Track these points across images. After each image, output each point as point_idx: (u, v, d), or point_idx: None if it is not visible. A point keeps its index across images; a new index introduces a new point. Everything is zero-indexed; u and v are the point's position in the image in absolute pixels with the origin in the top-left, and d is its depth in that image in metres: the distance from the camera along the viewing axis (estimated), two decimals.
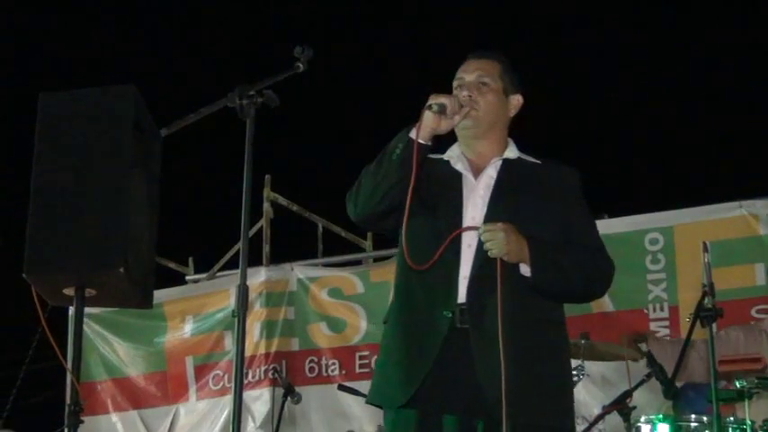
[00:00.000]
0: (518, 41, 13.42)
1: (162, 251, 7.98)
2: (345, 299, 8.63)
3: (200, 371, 8.95)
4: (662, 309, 7.44)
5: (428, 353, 3.71)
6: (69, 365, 3.94)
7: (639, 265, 7.52)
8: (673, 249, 7.47)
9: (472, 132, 3.93)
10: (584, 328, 6.57)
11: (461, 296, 3.73)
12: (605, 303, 7.45)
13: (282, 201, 9.35)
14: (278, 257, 9.13)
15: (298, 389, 7.62)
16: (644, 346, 5.66)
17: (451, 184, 3.90)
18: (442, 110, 3.71)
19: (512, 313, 3.69)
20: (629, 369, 5.89)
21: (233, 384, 3.53)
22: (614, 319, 7.42)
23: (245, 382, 8.05)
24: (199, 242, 11.11)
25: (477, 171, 3.93)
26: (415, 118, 3.72)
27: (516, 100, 4.04)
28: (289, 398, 7.48)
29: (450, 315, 3.71)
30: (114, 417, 9.22)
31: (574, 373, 6.03)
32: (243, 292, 3.57)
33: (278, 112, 3.78)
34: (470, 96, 3.90)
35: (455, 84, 3.99)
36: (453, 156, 3.97)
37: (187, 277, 9.85)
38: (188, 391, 8.97)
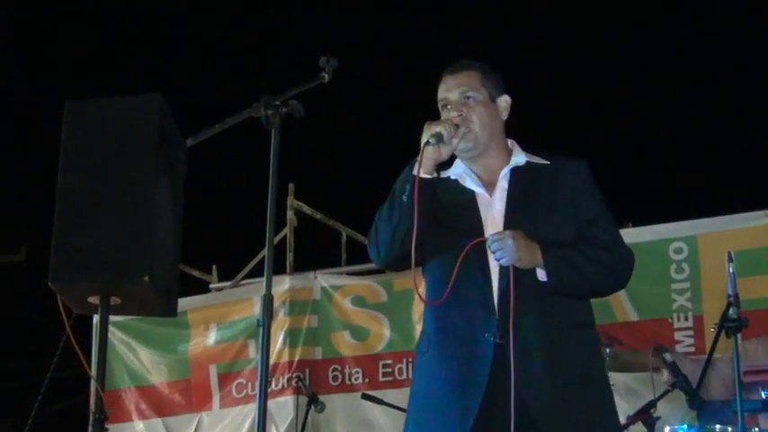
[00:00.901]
0: (541, 48, 13.41)
1: (186, 259, 8.00)
2: (369, 307, 8.62)
3: (224, 379, 8.97)
4: (686, 318, 7.40)
5: (479, 382, 3.65)
6: (94, 373, 3.95)
7: (664, 275, 7.49)
8: (697, 259, 7.44)
9: (475, 152, 3.88)
10: (609, 337, 6.55)
11: (497, 313, 3.68)
12: (629, 313, 7.45)
13: (306, 209, 9.35)
14: (302, 266, 9.14)
15: (321, 397, 7.64)
16: (668, 356, 5.64)
17: (468, 206, 3.86)
18: (439, 140, 3.67)
19: (545, 323, 3.68)
20: (654, 379, 5.86)
21: (257, 392, 3.53)
22: (638, 328, 7.40)
23: (269, 390, 8.06)
24: (222, 250, 11.12)
25: (489, 185, 3.88)
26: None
27: (504, 101, 3.97)
28: (312, 406, 7.49)
29: (493, 338, 3.65)
30: (138, 424, 9.24)
31: None
32: (268, 300, 3.57)
33: (301, 120, 3.78)
34: (461, 115, 3.83)
35: (440, 105, 3.94)
36: (460, 173, 3.92)
37: (211, 285, 9.87)
38: (212, 399, 8.99)
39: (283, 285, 8.78)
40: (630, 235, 7.50)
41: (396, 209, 3.71)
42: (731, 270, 4.94)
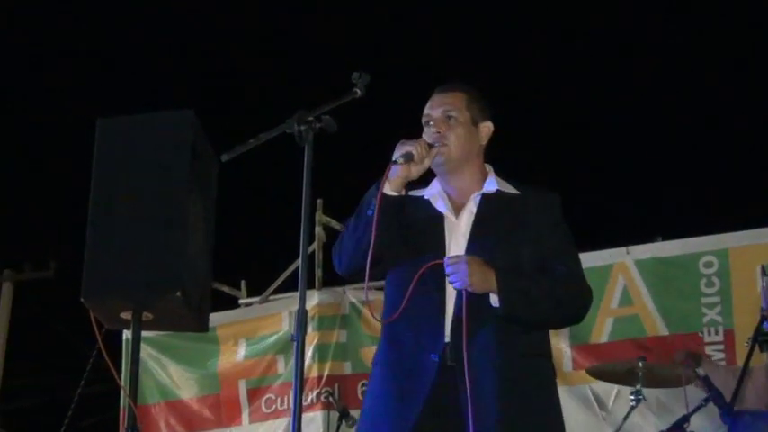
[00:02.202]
0: (570, 65, 13.40)
1: (215, 275, 8.01)
2: None
3: (253, 394, 8.96)
4: (717, 332, 7.36)
5: (417, 399, 3.72)
6: (126, 388, 3.96)
7: (694, 289, 7.45)
8: (728, 272, 7.39)
9: (446, 168, 3.95)
10: (639, 351, 6.53)
11: (448, 335, 3.74)
12: (659, 327, 7.41)
13: (335, 224, 9.35)
14: (330, 281, 9.13)
15: (350, 412, 7.63)
16: (700, 370, 5.61)
17: (434, 227, 3.93)
18: (409, 159, 3.75)
19: (496, 349, 3.72)
20: (687, 394, 5.84)
21: (292, 406, 3.55)
22: (669, 342, 7.36)
23: None
24: (251, 266, 11.12)
25: (458, 208, 3.95)
26: None
27: (486, 128, 4.03)
28: (344, 421, 7.49)
29: (438, 359, 3.71)
30: None
31: (631, 397, 6.03)
32: (301, 315, 3.58)
33: (329, 135, 3.80)
34: (439, 132, 3.91)
35: (423, 121, 4.02)
36: (434, 193, 3.99)
37: (240, 301, 9.87)
38: (241, 415, 8.98)
39: (312, 300, 8.77)
40: (660, 249, 7.49)
41: (361, 222, 3.81)
42: (763, 284, 4.93)
